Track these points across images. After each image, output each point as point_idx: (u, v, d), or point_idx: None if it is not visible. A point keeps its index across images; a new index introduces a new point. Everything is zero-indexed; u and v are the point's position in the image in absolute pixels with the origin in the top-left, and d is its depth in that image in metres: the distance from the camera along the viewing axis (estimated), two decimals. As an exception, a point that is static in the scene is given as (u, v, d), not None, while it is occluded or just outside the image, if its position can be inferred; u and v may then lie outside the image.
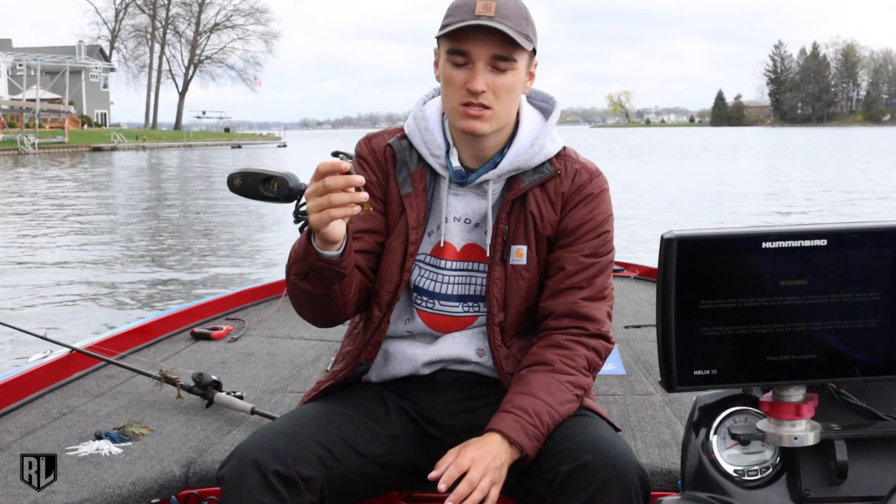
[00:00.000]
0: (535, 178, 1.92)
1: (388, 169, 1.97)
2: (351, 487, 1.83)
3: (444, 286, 1.95)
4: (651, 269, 4.58)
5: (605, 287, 1.93)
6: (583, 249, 1.92)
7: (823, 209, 17.22)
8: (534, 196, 1.92)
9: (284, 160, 40.29)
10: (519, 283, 1.92)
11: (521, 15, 1.84)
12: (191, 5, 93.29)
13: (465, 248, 1.95)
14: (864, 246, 1.41)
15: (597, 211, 1.94)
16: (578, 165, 1.96)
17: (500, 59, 1.82)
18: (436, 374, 1.97)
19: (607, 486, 1.63)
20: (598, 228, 1.93)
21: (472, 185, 1.93)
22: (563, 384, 1.82)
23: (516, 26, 1.81)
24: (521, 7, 1.85)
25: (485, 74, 1.82)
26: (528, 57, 1.87)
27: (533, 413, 1.77)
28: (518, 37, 1.80)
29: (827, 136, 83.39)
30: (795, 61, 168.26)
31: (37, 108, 54.61)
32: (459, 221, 1.95)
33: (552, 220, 1.92)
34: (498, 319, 1.92)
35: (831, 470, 1.48)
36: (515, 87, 1.86)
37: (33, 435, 2.33)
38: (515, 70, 1.84)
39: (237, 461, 1.72)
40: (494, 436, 1.75)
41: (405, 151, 1.96)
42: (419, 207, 1.93)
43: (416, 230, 1.93)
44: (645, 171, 31.23)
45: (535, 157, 1.92)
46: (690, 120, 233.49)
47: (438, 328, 1.97)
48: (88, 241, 13.81)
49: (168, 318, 3.51)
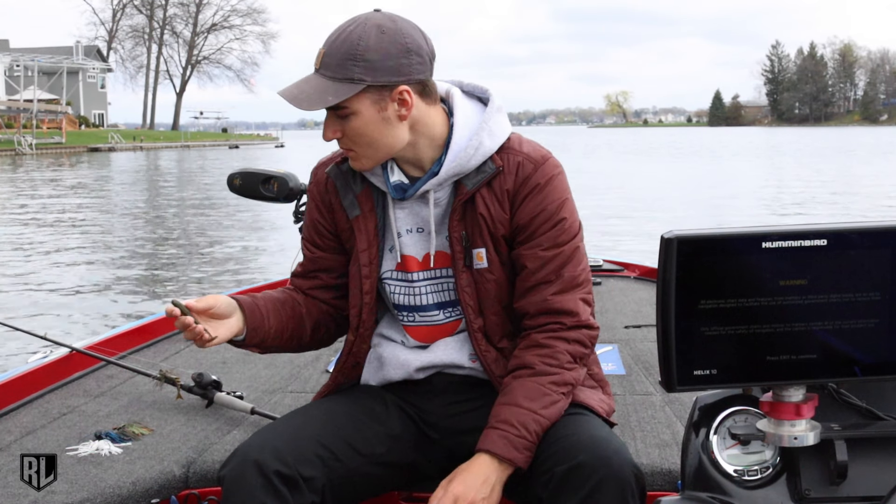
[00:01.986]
0: (478, 178, 1.86)
1: (331, 199, 1.97)
2: (352, 487, 1.83)
3: (419, 297, 1.93)
4: (651, 269, 4.58)
5: (575, 276, 1.86)
6: (541, 243, 1.85)
7: (823, 209, 17.23)
8: (481, 197, 1.86)
9: (282, 160, 40.23)
10: (487, 287, 1.88)
11: (348, 55, 1.75)
12: (188, 6, 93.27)
13: (427, 258, 1.92)
14: (864, 246, 1.41)
15: (547, 200, 1.85)
16: (521, 157, 1.87)
17: (334, 108, 1.79)
18: (431, 378, 1.96)
19: (603, 486, 1.63)
20: (552, 218, 1.85)
21: (415, 196, 1.90)
22: (546, 386, 1.79)
23: (336, 73, 1.75)
24: (352, 44, 1.75)
25: (333, 122, 1.81)
26: (372, 94, 1.77)
27: (518, 424, 1.75)
28: (327, 92, 1.75)
29: (825, 135, 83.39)
30: (793, 61, 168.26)
31: (34, 108, 54.51)
32: (412, 233, 1.92)
33: (503, 218, 1.86)
34: (477, 325, 1.90)
35: (831, 470, 1.48)
36: (363, 129, 1.79)
37: (33, 435, 2.33)
38: (356, 114, 1.78)
39: (239, 461, 1.72)
40: (484, 457, 1.75)
41: (347, 175, 1.94)
42: (367, 228, 1.93)
43: (367, 252, 1.93)
44: (645, 171, 31.22)
45: (473, 159, 1.85)
46: (688, 120, 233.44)
47: (427, 339, 1.96)
48: (88, 241, 13.81)
49: (168, 318, 3.50)
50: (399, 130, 1.82)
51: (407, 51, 1.78)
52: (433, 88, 1.86)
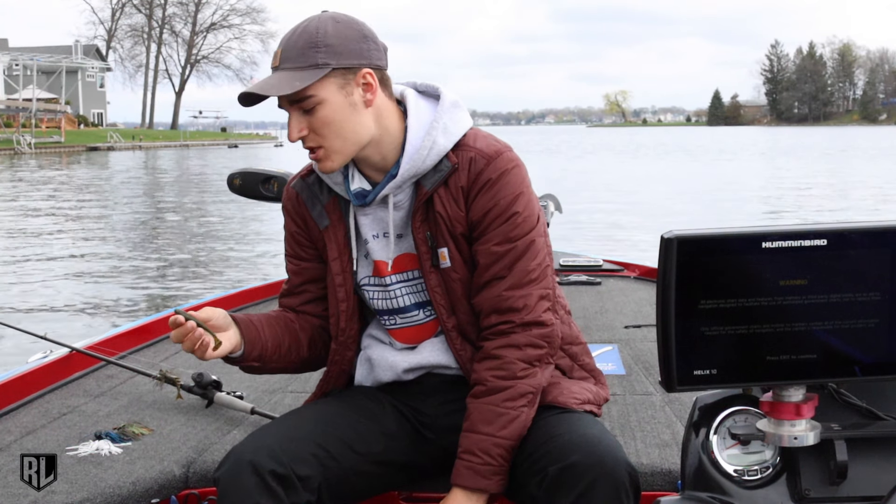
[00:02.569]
0: (436, 178, 1.85)
1: (303, 212, 1.98)
2: (349, 486, 1.83)
3: (397, 300, 1.94)
4: (651, 269, 4.58)
5: (528, 270, 1.83)
6: (493, 238, 1.83)
7: (822, 209, 17.23)
8: (438, 196, 1.85)
9: (281, 160, 40.22)
10: (454, 286, 1.88)
11: (309, 43, 1.75)
12: (187, 5, 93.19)
13: (397, 261, 1.93)
14: (864, 246, 1.41)
15: (500, 195, 1.82)
16: (473, 152, 1.84)
17: (299, 102, 1.78)
18: (421, 378, 1.97)
19: (596, 485, 1.63)
20: (504, 213, 1.82)
21: (377, 202, 1.89)
22: (500, 406, 1.79)
23: (299, 62, 1.75)
24: (310, 34, 1.76)
25: (298, 120, 1.79)
26: (337, 79, 1.77)
27: (480, 452, 1.76)
28: (293, 79, 1.74)
29: (824, 135, 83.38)
30: (792, 61, 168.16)
31: (33, 107, 54.48)
32: (378, 238, 1.93)
33: (459, 216, 1.85)
34: (451, 324, 1.90)
35: (831, 470, 1.48)
36: (332, 117, 1.78)
37: (33, 435, 2.33)
38: (323, 102, 1.77)
39: (233, 462, 1.72)
40: (456, 491, 1.78)
41: (314, 187, 1.95)
42: (337, 237, 1.93)
43: (339, 260, 1.93)
44: (644, 170, 31.22)
45: (428, 158, 1.84)
46: (687, 119, 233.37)
47: (411, 340, 1.97)
48: (88, 241, 13.80)
49: (168, 318, 3.50)
50: (365, 118, 1.82)
51: (364, 36, 1.80)
52: (390, 82, 1.87)
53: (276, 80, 1.77)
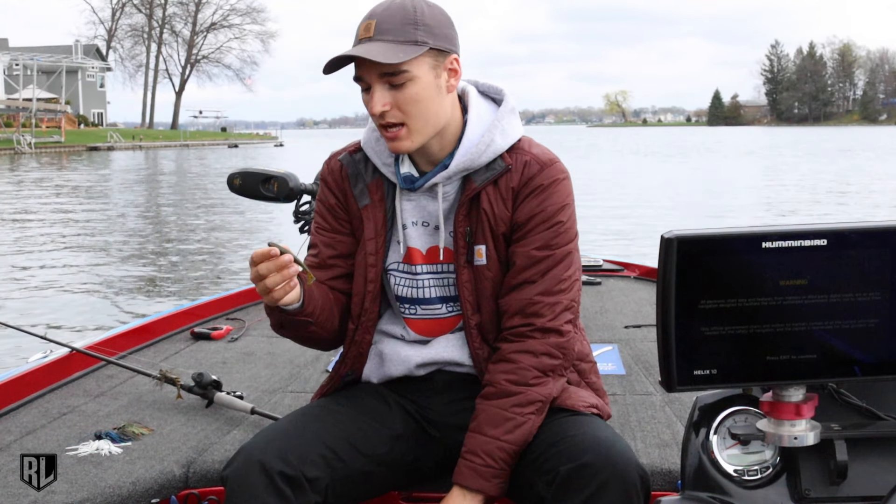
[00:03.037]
0: (487, 175, 1.88)
1: (345, 187, 1.98)
2: (354, 487, 1.84)
3: (422, 290, 1.95)
4: (651, 269, 4.58)
5: (560, 279, 1.86)
6: (534, 242, 1.86)
7: (822, 209, 17.24)
8: (486, 194, 1.88)
9: (281, 160, 40.23)
10: (485, 284, 1.90)
11: (407, 20, 1.78)
12: (187, 5, 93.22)
13: (430, 251, 1.94)
14: (864, 246, 1.41)
15: (548, 202, 1.87)
16: (529, 157, 1.89)
17: (390, 76, 1.78)
18: (432, 374, 1.97)
19: (608, 487, 1.63)
20: (550, 220, 1.86)
21: (423, 190, 1.91)
22: (509, 410, 1.80)
23: (398, 36, 1.77)
24: (407, 12, 1.78)
25: (383, 94, 1.80)
26: (430, 59, 1.80)
27: (483, 454, 1.77)
28: (396, 51, 1.75)
29: (824, 135, 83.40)
30: (792, 61, 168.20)
31: (33, 107, 54.49)
32: (417, 225, 1.94)
33: (504, 216, 1.88)
34: (474, 321, 1.91)
35: (831, 470, 1.49)
36: (420, 96, 1.80)
37: (33, 435, 2.33)
38: (414, 79, 1.79)
39: (242, 462, 1.72)
40: (456, 490, 1.78)
41: (360, 164, 1.96)
42: (376, 218, 1.94)
43: (374, 241, 1.94)
44: (644, 170, 31.23)
45: (484, 155, 1.87)
46: (687, 119, 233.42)
47: (428, 332, 1.97)
48: (88, 241, 13.80)
49: (168, 318, 3.51)
50: (446, 103, 1.86)
51: (451, 23, 1.85)
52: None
53: (378, 48, 1.76)
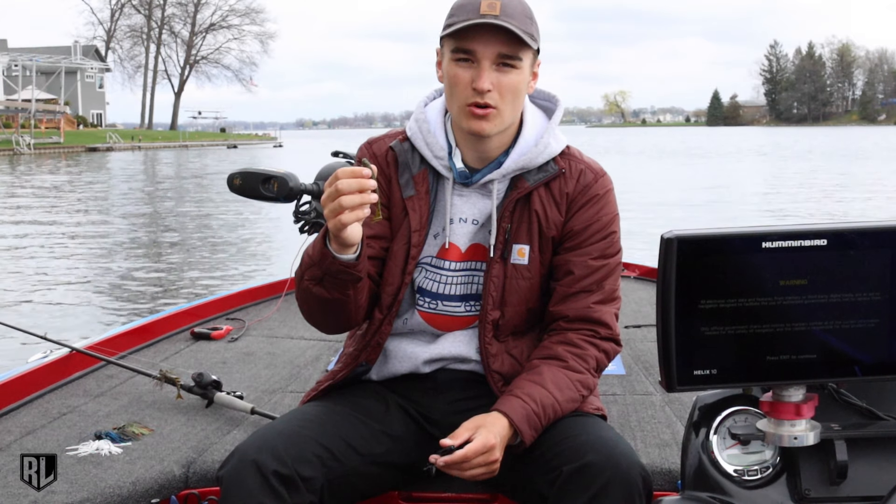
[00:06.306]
0: (539, 176, 1.92)
1: (391, 173, 1.97)
2: (350, 487, 1.83)
3: (447, 287, 1.95)
4: (651, 269, 4.58)
5: (614, 290, 1.94)
6: (591, 252, 1.91)
7: (822, 209, 17.24)
8: (538, 195, 1.92)
9: (281, 160, 40.24)
10: (519, 283, 1.92)
11: (526, 14, 1.84)
12: (186, 5, 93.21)
13: (470, 249, 1.95)
14: (864, 246, 1.41)
15: (603, 212, 1.93)
16: (583, 165, 1.96)
17: (506, 58, 1.82)
18: (436, 373, 1.97)
19: (610, 487, 1.64)
20: (604, 230, 1.93)
21: (476, 186, 1.93)
22: (574, 382, 1.84)
23: (521, 25, 1.81)
24: (526, 7, 1.85)
25: (490, 73, 1.82)
26: (532, 56, 1.87)
27: (539, 403, 1.78)
28: (524, 35, 1.80)
29: (823, 135, 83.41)
30: (791, 61, 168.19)
31: (32, 108, 54.48)
32: (466, 222, 1.95)
33: (557, 220, 1.92)
34: (492, 317, 1.92)
35: (831, 470, 1.49)
36: (520, 86, 1.86)
37: (33, 435, 2.33)
38: (520, 70, 1.84)
39: (237, 461, 1.72)
40: (499, 416, 1.77)
41: (407, 154, 1.96)
42: (422, 210, 1.94)
43: (419, 233, 1.93)
44: (644, 170, 31.23)
45: (540, 157, 1.92)
46: (686, 120, 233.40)
47: (439, 326, 1.97)
48: (88, 241, 13.80)
49: (168, 318, 3.51)
50: (525, 100, 1.92)
51: None
52: None
53: (510, 24, 1.80)
